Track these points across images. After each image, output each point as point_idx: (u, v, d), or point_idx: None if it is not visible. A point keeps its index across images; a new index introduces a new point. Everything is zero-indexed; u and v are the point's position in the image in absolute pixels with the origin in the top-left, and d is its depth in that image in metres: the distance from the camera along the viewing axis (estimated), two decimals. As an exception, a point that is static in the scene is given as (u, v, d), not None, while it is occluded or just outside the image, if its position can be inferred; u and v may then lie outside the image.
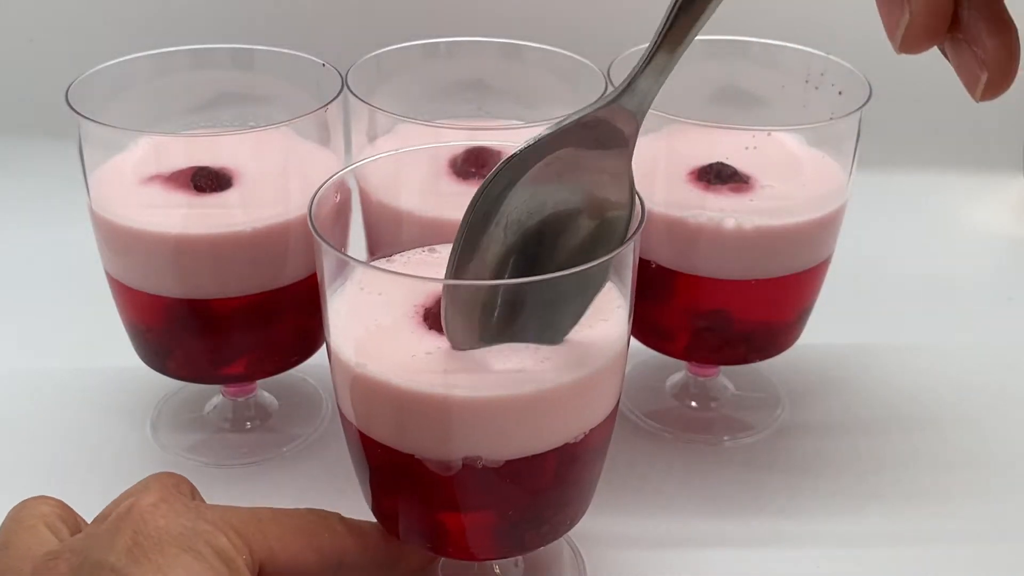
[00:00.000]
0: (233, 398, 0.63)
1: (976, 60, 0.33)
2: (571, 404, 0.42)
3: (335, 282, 0.43)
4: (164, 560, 0.36)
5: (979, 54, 0.33)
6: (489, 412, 0.40)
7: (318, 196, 0.43)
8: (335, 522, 0.43)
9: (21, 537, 0.40)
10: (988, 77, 0.33)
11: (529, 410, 0.41)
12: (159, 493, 0.39)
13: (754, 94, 0.62)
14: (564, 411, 0.42)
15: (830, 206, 0.56)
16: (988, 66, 0.33)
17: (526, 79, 0.63)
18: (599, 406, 0.43)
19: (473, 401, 0.40)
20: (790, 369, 0.67)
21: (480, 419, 0.40)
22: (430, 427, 0.41)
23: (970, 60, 0.33)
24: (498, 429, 0.41)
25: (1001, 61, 0.33)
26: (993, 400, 0.66)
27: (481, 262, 0.41)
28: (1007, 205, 0.89)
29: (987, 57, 0.33)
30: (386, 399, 0.41)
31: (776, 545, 0.55)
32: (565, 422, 0.42)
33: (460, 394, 0.40)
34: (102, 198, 0.55)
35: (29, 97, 0.91)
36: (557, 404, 0.41)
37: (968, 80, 0.34)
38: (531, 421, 0.41)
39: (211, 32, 0.88)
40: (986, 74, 0.33)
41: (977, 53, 0.33)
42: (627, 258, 0.42)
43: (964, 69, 0.34)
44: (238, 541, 0.39)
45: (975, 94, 0.34)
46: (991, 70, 0.33)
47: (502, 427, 0.41)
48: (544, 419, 0.41)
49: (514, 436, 0.41)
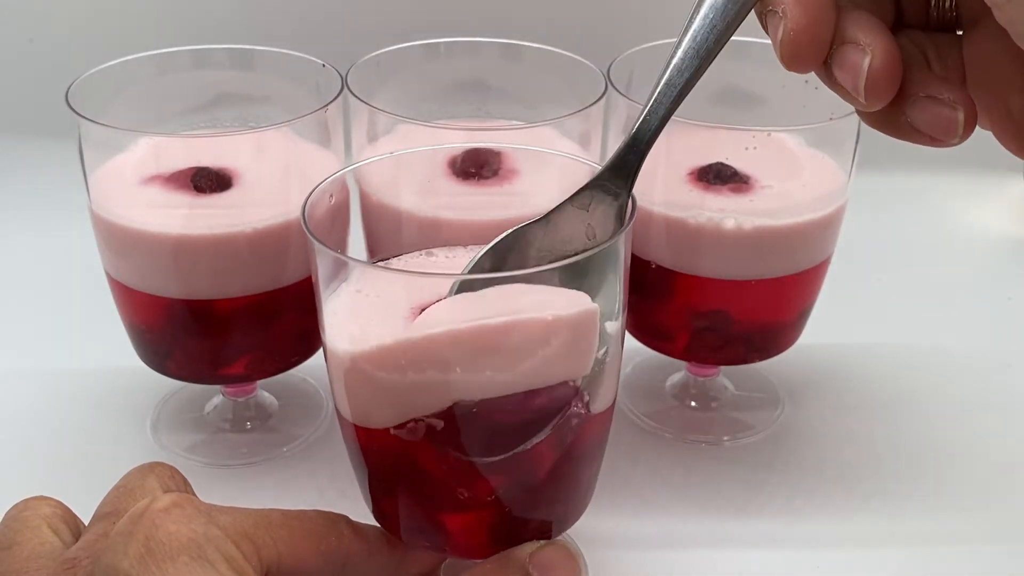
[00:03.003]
0: (233, 398, 0.63)
1: (946, 105, 0.35)
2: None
3: (331, 284, 0.43)
4: (175, 569, 0.36)
5: (947, 100, 0.35)
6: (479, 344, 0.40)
7: (311, 198, 0.44)
8: (342, 525, 0.44)
9: (26, 537, 0.40)
10: (965, 113, 0.34)
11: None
12: (172, 497, 0.39)
13: (754, 94, 0.61)
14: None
15: (830, 206, 0.56)
16: (961, 104, 0.35)
17: (526, 79, 0.63)
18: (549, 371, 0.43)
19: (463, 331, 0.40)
20: (790, 369, 0.67)
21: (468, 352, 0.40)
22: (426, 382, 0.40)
23: (939, 108, 0.35)
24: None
25: (967, 98, 0.35)
26: (993, 400, 0.66)
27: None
28: (1007, 205, 0.89)
29: (955, 97, 0.35)
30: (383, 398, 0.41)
31: (776, 545, 0.55)
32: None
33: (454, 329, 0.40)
34: (102, 198, 0.55)
35: (29, 97, 0.91)
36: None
37: (945, 128, 0.35)
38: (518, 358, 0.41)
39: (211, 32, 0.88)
40: (962, 111, 0.34)
41: (944, 100, 0.35)
42: (619, 252, 0.42)
43: (936, 120, 0.35)
44: (248, 547, 0.39)
45: (955, 134, 0.35)
46: (965, 107, 0.34)
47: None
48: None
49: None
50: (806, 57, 0.35)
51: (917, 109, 0.35)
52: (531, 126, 0.58)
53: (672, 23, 0.48)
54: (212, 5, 0.89)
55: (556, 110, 0.56)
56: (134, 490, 0.43)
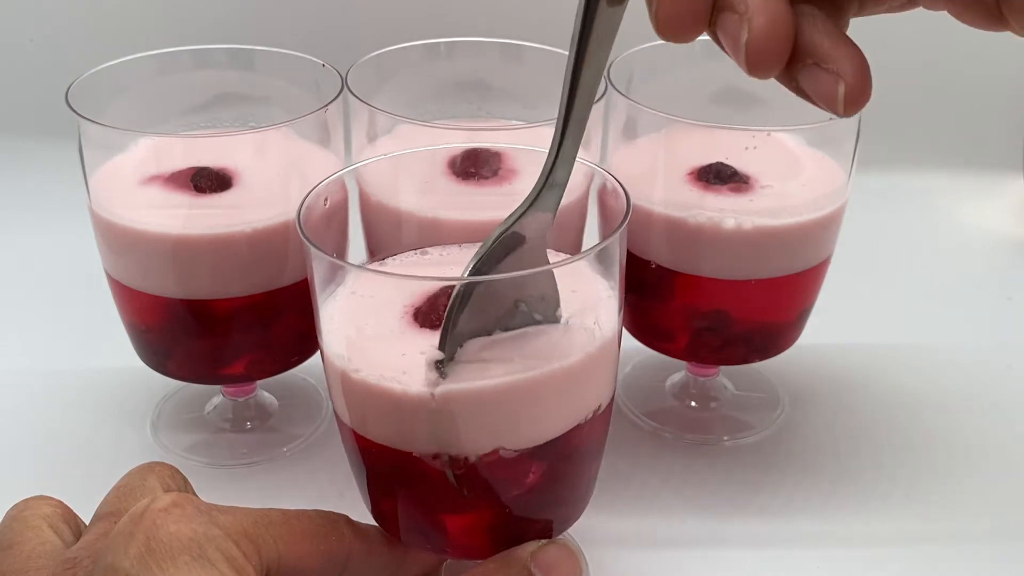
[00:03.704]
0: (233, 398, 0.63)
1: (830, 76, 0.33)
2: (562, 393, 0.42)
3: (327, 287, 0.43)
4: (176, 569, 0.36)
5: (831, 69, 0.33)
6: (479, 405, 0.40)
7: (307, 202, 0.44)
8: (343, 525, 0.44)
9: (27, 536, 0.40)
10: (847, 87, 0.33)
11: (521, 399, 0.40)
12: (172, 497, 0.39)
13: (754, 94, 0.61)
14: (563, 396, 0.42)
15: (830, 206, 0.56)
16: (845, 77, 0.33)
17: (526, 79, 0.63)
18: (591, 396, 0.43)
19: (465, 394, 0.40)
20: (790, 369, 0.67)
21: (472, 414, 0.40)
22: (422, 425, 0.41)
23: (824, 79, 0.33)
24: (491, 422, 0.41)
25: (855, 69, 0.33)
26: (993, 400, 0.66)
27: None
28: (1007, 205, 0.89)
29: (840, 68, 0.33)
30: (379, 399, 0.41)
31: (776, 545, 0.55)
32: (567, 407, 0.42)
33: (451, 390, 0.40)
34: (102, 198, 0.55)
35: (29, 97, 0.91)
36: (551, 390, 0.41)
37: (828, 98, 0.33)
38: (527, 410, 0.41)
39: (211, 32, 0.88)
40: (843, 85, 0.33)
41: (829, 69, 0.33)
42: (614, 252, 0.42)
43: (821, 90, 0.33)
44: (249, 547, 0.39)
45: (838, 108, 0.33)
46: (848, 79, 0.33)
47: (498, 419, 0.41)
48: (535, 408, 0.41)
49: (506, 428, 0.41)
50: (681, 26, 0.33)
51: (804, 75, 0.34)
52: (531, 126, 0.58)
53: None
54: (212, 5, 0.89)
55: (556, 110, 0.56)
56: (134, 490, 0.43)
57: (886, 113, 0.59)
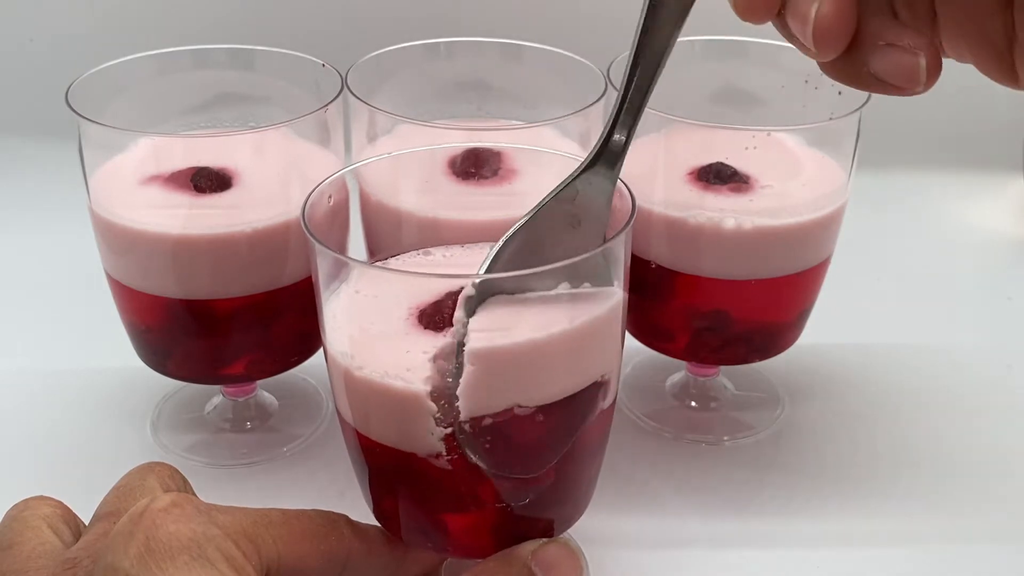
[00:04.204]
0: (233, 398, 0.63)
1: (908, 52, 0.34)
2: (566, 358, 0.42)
3: (331, 284, 0.43)
4: (175, 569, 0.36)
5: (907, 46, 0.34)
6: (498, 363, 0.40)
7: (311, 199, 0.44)
8: (342, 525, 0.44)
9: (27, 537, 0.40)
10: (927, 59, 0.34)
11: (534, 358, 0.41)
12: (172, 497, 0.39)
13: (754, 94, 0.62)
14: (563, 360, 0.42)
15: (830, 206, 0.56)
16: (922, 49, 0.34)
17: (526, 79, 0.63)
18: (592, 368, 0.43)
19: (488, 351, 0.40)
20: (790, 369, 0.67)
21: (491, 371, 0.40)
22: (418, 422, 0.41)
23: (902, 56, 0.34)
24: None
25: (927, 43, 0.34)
26: (993, 400, 0.66)
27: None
28: (1007, 205, 0.89)
29: (915, 44, 0.34)
30: (382, 397, 0.41)
31: (776, 545, 0.55)
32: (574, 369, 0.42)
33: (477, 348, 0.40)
34: (102, 198, 0.55)
35: (29, 97, 0.91)
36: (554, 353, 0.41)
37: (909, 74, 0.34)
38: (539, 369, 0.41)
39: (211, 32, 0.88)
40: (923, 57, 0.34)
41: (905, 46, 0.34)
42: (619, 253, 0.42)
43: (902, 67, 0.34)
44: (248, 547, 0.39)
45: (919, 81, 0.34)
46: (927, 52, 0.34)
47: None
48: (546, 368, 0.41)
49: (520, 387, 0.41)
50: (759, 6, 0.35)
51: (878, 57, 0.35)
52: (531, 126, 0.58)
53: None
54: (212, 5, 0.89)
55: (556, 110, 0.56)
56: (134, 490, 0.43)
57: (886, 113, 0.59)
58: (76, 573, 0.38)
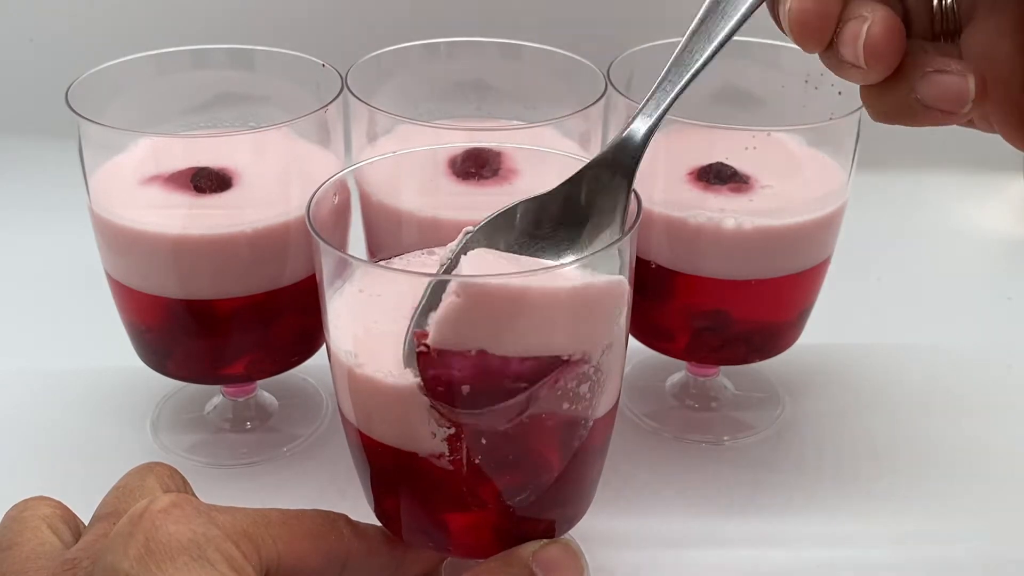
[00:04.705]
0: (233, 398, 0.63)
1: (955, 76, 0.35)
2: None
3: (335, 283, 0.43)
4: (175, 569, 0.36)
5: (953, 70, 0.35)
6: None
7: (316, 197, 0.44)
8: (342, 525, 0.44)
9: (26, 537, 0.40)
10: (977, 80, 0.35)
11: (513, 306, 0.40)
12: (171, 497, 0.39)
13: (754, 94, 0.62)
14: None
15: (830, 206, 0.56)
16: (969, 71, 0.35)
17: (526, 79, 0.63)
18: (576, 340, 0.42)
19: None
20: (790, 369, 0.67)
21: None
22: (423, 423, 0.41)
23: (950, 80, 0.35)
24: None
25: (971, 69, 0.35)
26: (993, 400, 0.66)
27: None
28: (1007, 205, 0.89)
29: (963, 67, 0.35)
30: (385, 396, 0.41)
31: (776, 545, 0.55)
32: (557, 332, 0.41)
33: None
34: (102, 198, 0.55)
35: (29, 97, 0.91)
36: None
37: (957, 97, 0.35)
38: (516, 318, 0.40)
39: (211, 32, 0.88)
40: (972, 79, 0.35)
41: (952, 71, 0.35)
42: (624, 254, 0.42)
43: (950, 91, 0.35)
44: (248, 547, 0.39)
45: (967, 102, 0.35)
46: (975, 74, 0.35)
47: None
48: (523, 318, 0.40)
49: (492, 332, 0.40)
50: (813, 33, 0.36)
51: (926, 83, 0.35)
52: (531, 126, 0.58)
53: (672, 23, 0.48)
54: (212, 5, 0.89)
55: (556, 110, 0.56)
56: (134, 490, 0.43)
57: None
58: (76, 574, 0.38)
